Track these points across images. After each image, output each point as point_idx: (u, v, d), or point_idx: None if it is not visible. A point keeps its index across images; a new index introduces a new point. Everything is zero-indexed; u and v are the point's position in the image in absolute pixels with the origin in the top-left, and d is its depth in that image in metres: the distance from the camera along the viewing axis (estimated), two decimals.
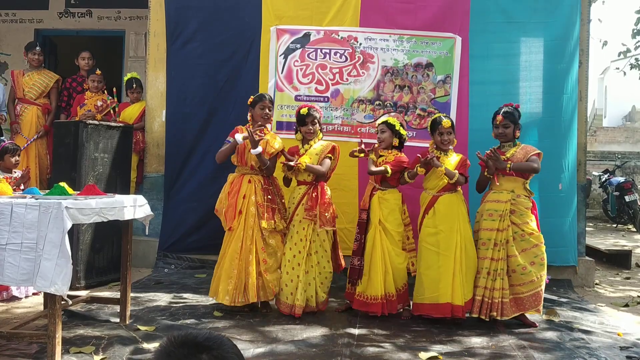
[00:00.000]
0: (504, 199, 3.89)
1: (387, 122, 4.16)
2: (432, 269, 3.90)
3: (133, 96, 6.19)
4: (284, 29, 5.36)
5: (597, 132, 17.50)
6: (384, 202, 4.05)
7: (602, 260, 6.54)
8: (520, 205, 3.90)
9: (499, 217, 3.87)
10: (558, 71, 5.20)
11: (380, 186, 4.10)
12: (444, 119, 4.02)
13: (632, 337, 3.71)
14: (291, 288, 3.98)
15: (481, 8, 5.19)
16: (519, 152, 3.95)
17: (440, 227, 3.92)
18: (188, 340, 1.13)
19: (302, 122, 4.16)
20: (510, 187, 3.92)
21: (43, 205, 2.84)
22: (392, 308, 4.00)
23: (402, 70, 5.28)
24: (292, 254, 4.02)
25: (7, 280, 2.87)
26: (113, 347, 3.20)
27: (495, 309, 3.81)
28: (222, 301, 3.92)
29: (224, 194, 4.11)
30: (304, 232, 4.02)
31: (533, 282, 3.83)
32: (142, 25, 6.99)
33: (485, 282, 3.84)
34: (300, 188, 4.13)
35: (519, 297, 3.85)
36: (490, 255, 3.85)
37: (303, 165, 4.00)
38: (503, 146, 4.02)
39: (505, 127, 3.96)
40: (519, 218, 3.89)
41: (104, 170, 4.88)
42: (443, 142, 4.01)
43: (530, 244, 3.87)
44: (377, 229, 4.00)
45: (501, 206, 3.88)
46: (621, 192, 10.07)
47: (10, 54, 7.99)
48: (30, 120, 5.94)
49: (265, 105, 4.13)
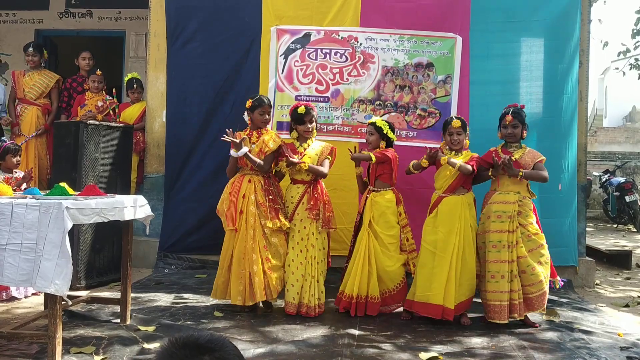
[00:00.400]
0: (512, 199, 3.88)
1: (374, 124, 4.16)
2: (426, 268, 3.91)
3: (134, 96, 6.19)
4: (284, 29, 5.36)
5: (598, 133, 17.49)
6: (375, 205, 4.06)
7: (603, 261, 6.53)
8: (525, 207, 3.90)
9: (508, 218, 3.84)
10: (558, 71, 5.20)
11: (374, 187, 4.11)
12: (454, 119, 4.02)
13: (632, 337, 3.70)
14: (297, 288, 3.97)
15: (482, 8, 5.19)
16: (526, 156, 3.94)
17: (440, 228, 3.92)
18: (190, 342, 1.13)
19: (300, 121, 4.13)
20: (516, 189, 3.91)
21: (43, 206, 2.84)
22: (374, 310, 4.00)
23: (402, 70, 5.28)
24: (294, 254, 4.02)
25: (7, 280, 2.87)
26: (113, 348, 3.20)
27: (515, 310, 3.81)
28: (235, 302, 3.92)
29: (225, 194, 4.11)
30: (305, 231, 4.02)
31: (541, 282, 3.83)
32: (143, 25, 6.99)
33: (509, 285, 3.81)
34: (298, 187, 4.12)
35: (529, 297, 3.84)
36: (506, 257, 3.81)
37: (306, 166, 4.00)
38: (510, 146, 4.01)
39: (514, 127, 3.94)
40: (525, 219, 3.89)
41: (105, 171, 4.88)
42: (453, 142, 4.00)
43: (536, 244, 3.87)
44: (365, 230, 4.03)
45: (510, 207, 3.86)
46: (621, 193, 10.07)
47: (11, 54, 7.99)
48: (30, 121, 5.94)
49: (265, 110, 4.12)
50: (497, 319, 3.79)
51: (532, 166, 3.91)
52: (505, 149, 4.03)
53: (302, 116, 4.10)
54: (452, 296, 3.80)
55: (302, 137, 4.18)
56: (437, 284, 3.82)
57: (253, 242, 3.94)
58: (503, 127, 3.99)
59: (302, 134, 4.16)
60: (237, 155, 3.99)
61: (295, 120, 4.16)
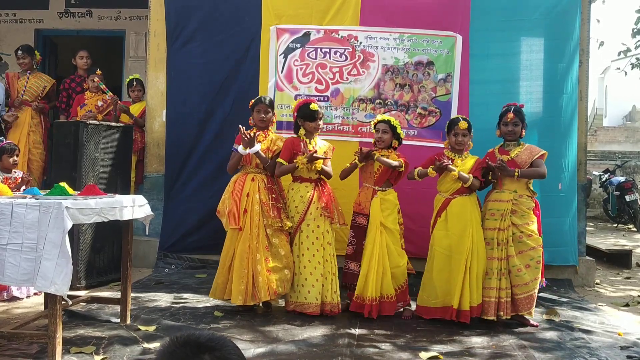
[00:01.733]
0: (506, 198, 3.89)
1: (389, 122, 4.09)
2: (444, 273, 3.87)
3: (134, 94, 6.19)
4: (284, 28, 5.36)
5: (598, 132, 17.49)
6: (385, 203, 4.03)
7: (603, 260, 6.53)
8: (522, 206, 3.89)
9: (500, 216, 3.87)
10: (558, 70, 5.20)
11: (380, 187, 4.08)
12: (460, 120, 3.97)
13: (632, 336, 3.70)
14: (318, 288, 3.93)
15: (482, 7, 5.19)
16: (523, 153, 3.94)
17: (452, 230, 3.89)
18: (190, 341, 1.13)
19: (311, 117, 4.07)
20: (513, 187, 3.91)
21: (43, 206, 2.84)
22: (391, 309, 3.97)
23: (402, 69, 5.28)
24: (310, 254, 3.98)
25: (8, 280, 2.88)
26: (113, 347, 3.20)
27: (502, 308, 3.83)
28: (235, 302, 3.89)
29: (227, 194, 4.08)
30: (320, 229, 4.01)
31: (527, 285, 3.83)
32: (142, 25, 6.99)
33: (498, 283, 3.83)
34: (306, 186, 4.07)
35: (515, 298, 3.86)
36: (497, 255, 3.84)
37: (326, 163, 4.03)
38: (507, 145, 4.00)
39: (515, 125, 3.93)
40: (520, 219, 3.87)
41: (104, 171, 4.88)
42: (458, 144, 3.97)
43: (527, 247, 3.86)
44: (378, 230, 3.96)
45: (502, 205, 3.87)
46: (622, 192, 10.07)
47: (11, 54, 7.97)
48: (24, 120, 5.93)
49: (261, 109, 4.10)
50: (485, 314, 3.83)
51: (530, 163, 3.90)
52: (502, 148, 4.01)
53: (314, 112, 4.06)
54: (467, 298, 3.80)
55: (309, 135, 4.14)
56: (455, 287, 3.80)
57: (257, 241, 3.93)
58: (503, 124, 3.97)
59: (311, 130, 4.12)
60: (249, 152, 3.94)
61: (304, 117, 4.09)
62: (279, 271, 3.97)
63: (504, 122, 3.96)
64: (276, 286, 3.94)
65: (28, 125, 5.92)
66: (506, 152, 3.95)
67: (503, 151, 3.99)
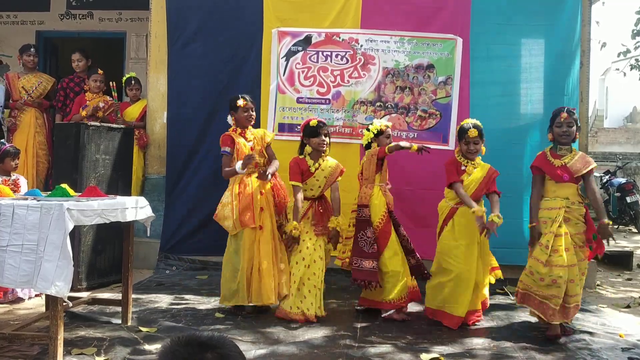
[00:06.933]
0: (557, 205, 3.69)
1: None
2: (453, 281, 3.82)
3: (132, 93, 6.18)
4: (285, 31, 5.37)
5: (598, 133, 17.52)
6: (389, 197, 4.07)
7: (604, 262, 6.52)
8: (574, 213, 3.69)
9: (551, 222, 3.66)
10: (559, 72, 5.20)
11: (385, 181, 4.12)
12: (471, 128, 3.85)
13: (633, 338, 3.70)
14: (310, 298, 3.87)
15: (482, 9, 5.20)
16: (578, 161, 3.71)
17: (460, 240, 3.83)
18: (192, 340, 1.14)
19: (315, 133, 3.94)
20: (564, 194, 3.70)
21: (45, 207, 2.84)
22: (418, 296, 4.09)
23: (403, 72, 5.29)
24: (304, 264, 3.90)
25: (7, 282, 2.87)
26: (115, 349, 3.20)
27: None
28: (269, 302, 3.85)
29: (229, 197, 3.96)
30: (311, 242, 3.96)
31: (578, 295, 3.67)
32: (143, 26, 7.01)
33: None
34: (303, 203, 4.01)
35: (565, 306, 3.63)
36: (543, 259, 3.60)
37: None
38: (560, 149, 3.77)
39: (569, 126, 3.70)
40: (574, 227, 3.68)
41: (105, 172, 4.89)
42: (470, 152, 3.89)
43: (580, 257, 3.69)
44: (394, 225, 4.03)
45: (553, 213, 3.67)
46: (622, 193, 10.06)
47: (12, 56, 7.97)
48: (29, 122, 5.94)
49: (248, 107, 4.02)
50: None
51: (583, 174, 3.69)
52: (554, 151, 3.78)
53: (315, 128, 3.94)
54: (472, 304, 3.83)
55: (316, 152, 4.00)
56: (463, 295, 3.78)
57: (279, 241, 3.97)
58: (557, 126, 3.73)
59: (316, 147, 3.97)
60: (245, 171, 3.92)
61: (308, 135, 3.98)
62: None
63: (558, 123, 3.72)
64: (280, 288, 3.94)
65: (34, 126, 5.93)
66: (558, 157, 3.74)
67: (555, 155, 3.77)
